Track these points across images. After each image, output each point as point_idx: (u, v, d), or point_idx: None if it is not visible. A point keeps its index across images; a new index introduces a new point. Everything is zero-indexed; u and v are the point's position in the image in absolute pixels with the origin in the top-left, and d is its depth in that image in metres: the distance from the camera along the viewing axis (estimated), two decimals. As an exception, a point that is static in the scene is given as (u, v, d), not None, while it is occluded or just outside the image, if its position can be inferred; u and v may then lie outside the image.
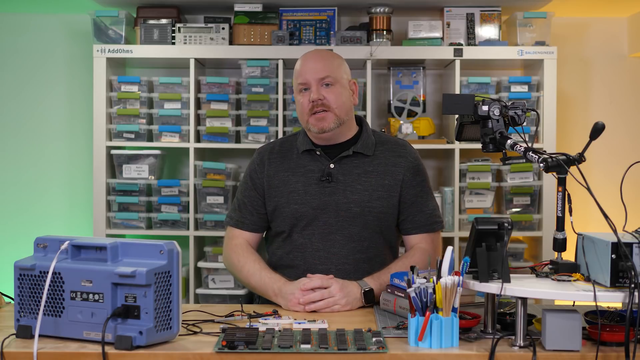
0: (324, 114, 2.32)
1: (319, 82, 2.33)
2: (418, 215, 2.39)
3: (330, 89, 2.33)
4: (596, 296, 1.65)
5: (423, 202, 2.40)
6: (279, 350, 1.68)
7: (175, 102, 3.58)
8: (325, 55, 2.40)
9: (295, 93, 2.39)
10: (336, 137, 2.38)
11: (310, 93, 2.32)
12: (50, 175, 3.94)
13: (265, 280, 2.27)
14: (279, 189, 2.38)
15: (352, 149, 2.37)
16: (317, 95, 2.31)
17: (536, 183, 3.53)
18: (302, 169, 2.39)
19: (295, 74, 2.38)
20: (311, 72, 2.33)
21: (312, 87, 2.32)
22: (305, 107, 2.34)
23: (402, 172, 2.39)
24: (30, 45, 3.93)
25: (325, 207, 2.34)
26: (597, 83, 3.94)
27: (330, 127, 2.33)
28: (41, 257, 1.82)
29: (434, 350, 1.70)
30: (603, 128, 1.89)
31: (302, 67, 2.37)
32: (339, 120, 2.34)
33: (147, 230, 3.57)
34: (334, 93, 2.33)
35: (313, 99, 2.31)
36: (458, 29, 3.62)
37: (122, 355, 1.68)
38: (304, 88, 2.35)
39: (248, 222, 2.42)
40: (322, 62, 2.36)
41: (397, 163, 2.40)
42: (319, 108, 2.31)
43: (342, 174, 2.35)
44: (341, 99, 2.34)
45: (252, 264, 2.33)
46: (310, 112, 2.33)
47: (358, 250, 2.35)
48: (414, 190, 2.39)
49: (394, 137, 2.52)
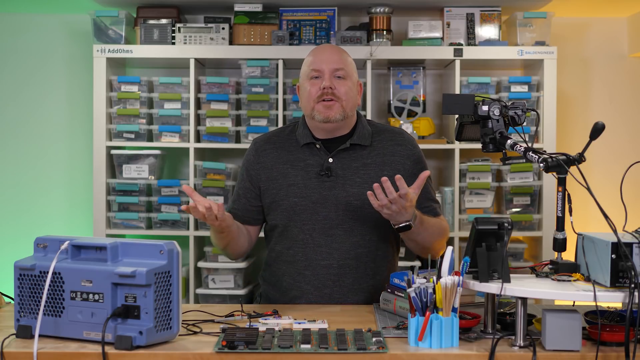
0: (332, 103, 2.33)
1: (333, 73, 2.34)
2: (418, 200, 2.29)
3: (342, 82, 2.35)
4: (596, 296, 1.65)
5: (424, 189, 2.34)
6: (279, 350, 1.68)
7: (175, 102, 3.58)
8: (340, 50, 2.43)
9: (304, 80, 2.39)
10: (336, 130, 2.39)
11: (322, 81, 2.34)
12: (50, 175, 3.94)
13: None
14: (277, 182, 2.38)
15: (348, 141, 2.37)
16: (330, 83, 2.33)
17: (536, 183, 3.53)
18: (302, 162, 2.39)
19: (308, 63, 2.39)
20: (327, 61, 2.35)
21: (325, 75, 2.34)
22: (313, 94, 2.34)
23: (402, 162, 2.38)
24: (30, 45, 3.93)
25: (325, 201, 2.34)
26: (597, 83, 3.94)
27: (335, 118, 2.33)
28: (41, 257, 1.82)
29: (434, 350, 1.70)
30: (603, 128, 1.89)
31: (317, 56, 2.38)
32: (344, 113, 2.34)
33: (147, 230, 3.57)
34: (345, 86, 2.35)
35: (325, 86, 2.32)
36: (458, 29, 3.62)
37: (122, 355, 1.68)
38: (315, 76, 2.35)
39: (241, 213, 2.42)
40: (338, 54, 2.39)
41: (395, 152, 2.40)
42: (328, 96, 2.32)
43: (340, 168, 2.35)
44: (350, 93, 2.36)
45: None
46: (318, 99, 2.33)
47: (360, 244, 2.34)
48: (414, 178, 2.35)
49: (391, 126, 2.52)
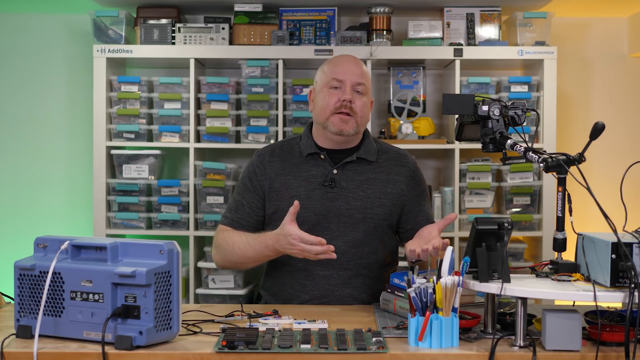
0: (348, 118, 2.32)
1: (354, 86, 2.34)
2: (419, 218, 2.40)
3: (360, 97, 2.35)
4: (596, 296, 1.65)
5: (424, 210, 2.43)
6: (279, 350, 1.68)
7: (175, 102, 3.58)
8: (362, 64, 2.42)
9: (322, 86, 2.37)
10: (345, 143, 2.39)
11: (343, 93, 2.33)
12: (50, 175, 3.94)
13: (257, 242, 2.24)
14: (280, 192, 2.38)
15: (355, 154, 2.38)
16: (350, 96, 2.32)
17: (536, 183, 3.53)
18: (305, 173, 2.38)
19: (330, 70, 2.37)
20: (350, 73, 2.34)
21: (347, 87, 2.33)
22: (331, 105, 2.33)
23: (404, 182, 2.41)
24: (30, 45, 3.93)
25: (327, 212, 2.34)
26: (597, 83, 3.94)
27: (349, 132, 2.33)
28: (41, 257, 1.82)
29: (434, 350, 1.70)
30: (603, 128, 1.89)
31: (340, 66, 2.37)
32: (358, 128, 2.35)
33: (147, 230, 3.57)
34: (362, 101, 2.35)
35: (345, 99, 2.31)
36: (458, 29, 3.62)
37: (122, 355, 1.68)
38: (336, 86, 2.34)
39: (244, 222, 2.41)
40: (360, 68, 2.38)
41: (399, 172, 2.42)
42: (346, 109, 2.32)
43: (345, 180, 2.35)
44: (365, 109, 2.37)
45: (239, 237, 2.32)
46: (336, 111, 2.32)
47: (359, 255, 2.35)
48: (417, 200, 2.42)
49: (395, 147, 2.52)
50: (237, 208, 2.43)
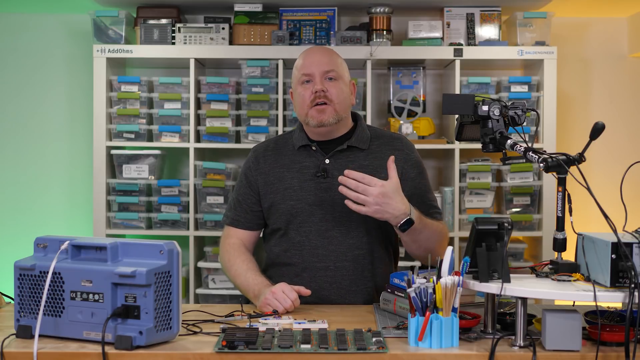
0: (325, 107, 2.32)
1: (323, 75, 2.34)
2: (418, 205, 2.32)
3: (333, 83, 2.34)
4: (596, 296, 1.65)
5: (422, 194, 2.39)
6: (279, 350, 1.68)
7: (175, 102, 3.58)
8: (330, 51, 2.42)
9: (296, 85, 2.38)
10: (332, 132, 2.38)
11: (314, 85, 2.33)
12: (50, 175, 3.94)
13: (249, 282, 2.28)
14: (274, 186, 2.38)
15: (346, 143, 2.37)
16: (321, 86, 2.32)
17: (536, 183, 3.53)
18: (297, 165, 2.38)
19: (298, 67, 2.38)
20: (317, 64, 2.34)
21: (316, 79, 2.33)
22: (306, 99, 2.33)
23: (400, 166, 2.37)
24: (30, 45, 3.93)
25: (321, 203, 2.34)
26: (597, 83, 3.94)
27: (329, 121, 2.33)
28: (41, 257, 1.82)
29: (434, 350, 1.70)
30: (603, 128, 1.89)
31: (307, 59, 2.37)
32: (338, 115, 2.34)
33: (147, 230, 3.57)
34: (336, 87, 2.34)
35: (316, 90, 2.31)
36: (458, 29, 3.62)
37: (122, 355, 1.68)
38: (306, 80, 2.35)
39: (243, 220, 2.42)
40: (327, 56, 2.38)
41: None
42: (320, 100, 2.32)
43: (337, 170, 2.34)
44: (342, 95, 2.35)
45: (241, 264, 2.34)
46: (312, 104, 2.32)
47: (357, 246, 2.34)
48: (413, 183, 2.37)
49: (390, 132, 2.52)
50: (235, 206, 2.45)
